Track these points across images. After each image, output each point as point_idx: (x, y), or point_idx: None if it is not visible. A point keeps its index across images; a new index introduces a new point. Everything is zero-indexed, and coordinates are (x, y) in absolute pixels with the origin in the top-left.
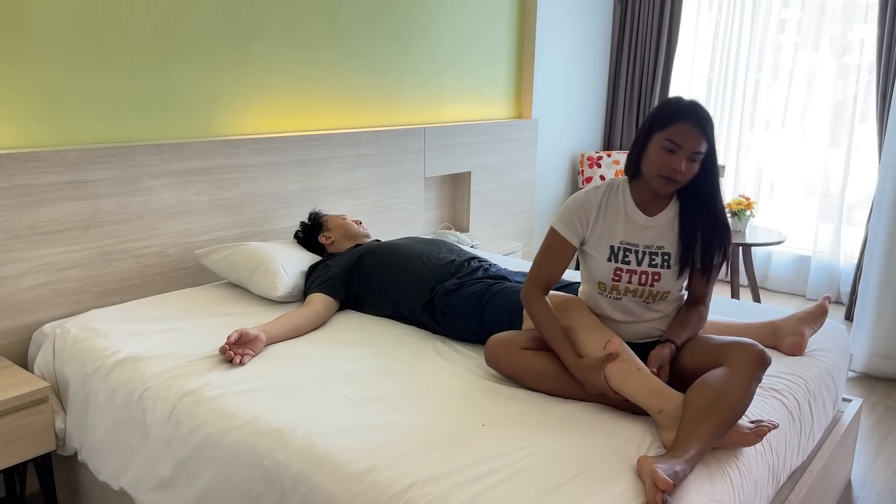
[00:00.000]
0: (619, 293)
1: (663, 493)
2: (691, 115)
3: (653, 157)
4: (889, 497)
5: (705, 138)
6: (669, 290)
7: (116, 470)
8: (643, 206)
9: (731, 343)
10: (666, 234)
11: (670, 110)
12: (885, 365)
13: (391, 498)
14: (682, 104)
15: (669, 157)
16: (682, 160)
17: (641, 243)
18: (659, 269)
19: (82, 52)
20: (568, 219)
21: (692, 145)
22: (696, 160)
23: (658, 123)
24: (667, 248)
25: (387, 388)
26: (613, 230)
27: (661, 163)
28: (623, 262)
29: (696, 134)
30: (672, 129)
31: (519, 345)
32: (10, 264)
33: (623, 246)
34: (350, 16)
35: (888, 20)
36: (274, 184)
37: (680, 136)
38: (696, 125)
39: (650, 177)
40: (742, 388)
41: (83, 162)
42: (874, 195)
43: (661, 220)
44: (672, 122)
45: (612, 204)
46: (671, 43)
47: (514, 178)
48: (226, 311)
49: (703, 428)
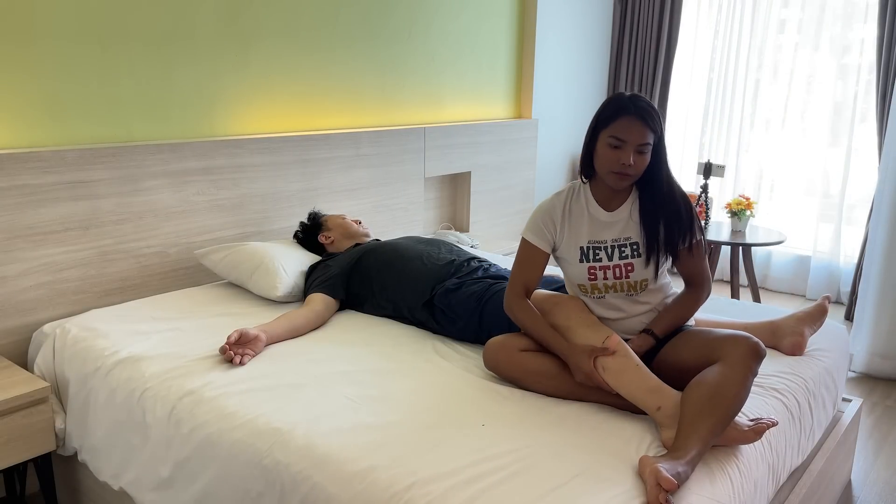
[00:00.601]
0: (600, 291)
1: (667, 492)
2: (632, 109)
3: (602, 154)
4: (889, 497)
5: (650, 128)
6: (646, 277)
7: (116, 470)
8: (604, 202)
9: (725, 337)
10: (629, 225)
11: (611, 107)
12: (885, 365)
13: (391, 497)
14: (622, 99)
15: (617, 153)
16: (629, 154)
17: (609, 238)
18: (630, 259)
19: (82, 52)
20: (536, 227)
21: (637, 138)
22: (645, 151)
23: (602, 122)
24: (633, 238)
25: (387, 388)
26: (579, 232)
27: (610, 159)
28: (595, 261)
29: (639, 127)
30: (615, 125)
31: (517, 347)
32: (10, 264)
33: (591, 245)
34: (350, 16)
35: (888, 20)
36: (274, 184)
37: (624, 131)
38: (638, 118)
39: (603, 174)
40: (738, 382)
41: (83, 162)
42: (874, 195)
43: (623, 213)
44: (614, 118)
45: (576, 206)
46: (671, 43)
47: (514, 178)
48: (226, 311)
49: (702, 426)
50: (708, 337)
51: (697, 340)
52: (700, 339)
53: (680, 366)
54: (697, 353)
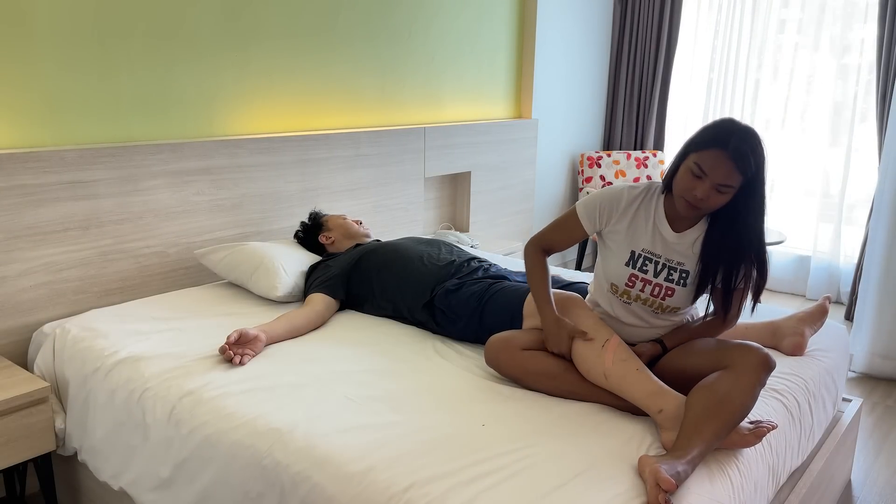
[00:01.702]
0: (630, 299)
1: (666, 492)
2: (730, 144)
3: (681, 176)
4: (889, 497)
5: (739, 172)
6: (680, 306)
7: (116, 470)
8: (672, 220)
9: (736, 346)
10: (688, 253)
11: (710, 133)
12: (885, 365)
13: (391, 498)
14: (726, 129)
15: (694, 182)
16: (706, 188)
17: (663, 256)
18: (675, 285)
19: (82, 51)
20: (591, 208)
21: (719, 177)
22: (726, 192)
23: (696, 144)
24: (686, 267)
25: (387, 388)
26: (639, 236)
27: (686, 186)
28: (641, 270)
29: (727, 166)
30: (705, 153)
31: (519, 345)
32: (10, 264)
33: (644, 254)
34: (350, 16)
35: (888, 20)
36: (274, 184)
37: (709, 163)
38: (730, 157)
39: (676, 195)
40: (746, 391)
41: (83, 162)
42: (874, 195)
43: (687, 238)
44: (708, 146)
45: (644, 210)
46: (671, 43)
47: (514, 178)
48: (226, 311)
49: (706, 430)
50: (717, 345)
51: (706, 347)
52: (709, 347)
53: (686, 371)
54: (705, 360)
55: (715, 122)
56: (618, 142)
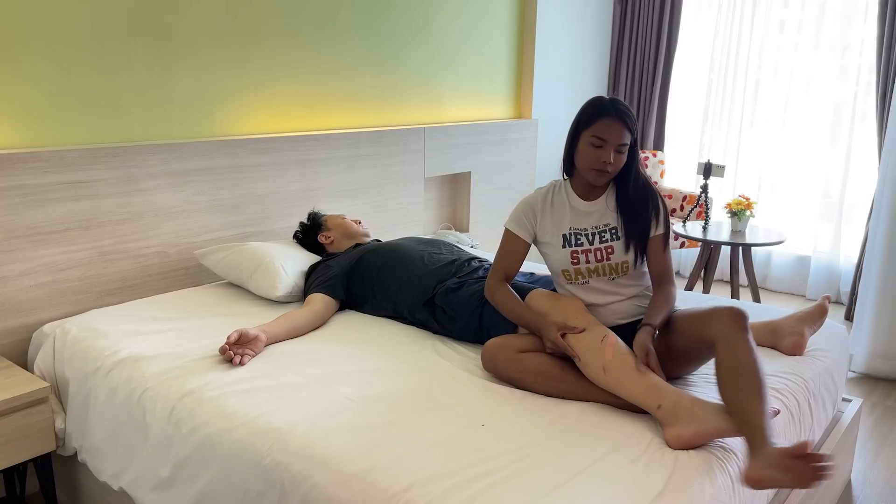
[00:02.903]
0: (584, 276)
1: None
2: (612, 111)
3: (583, 152)
4: (889, 497)
5: (628, 130)
6: (626, 260)
7: (116, 470)
8: (583, 195)
9: (706, 313)
10: (607, 213)
11: (593, 109)
12: (885, 365)
13: (391, 498)
14: (604, 102)
15: (598, 152)
16: (609, 152)
17: (589, 226)
18: (610, 242)
19: (82, 51)
20: (518, 218)
21: (616, 138)
22: (623, 151)
23: (584, 123)
24: (612, 224)
25: (387, 388)
26: (562, 220)
27: (592, 157)
28: (577, 245)
29: (619, 127)
30: (597, 126)
31: (516, 348)
32: (10, 264)
33: (573, 231)
34: (350, 16)
35: (888, 20)
36: (274, 184)
37: (605, 131)
38: (618, 119)
39: (584, 171)
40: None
41: (83, 162)
42: (874, 195)
43: (601, 202)
44: (596, 119)
45: (557, 199)
46: (671, 43)
47: (514, 178)
48: (226, 311)
49: (755, 405)
50: (690, 317)
51: (682, 323)
52: (684, 322)
53: (672, 352)
54: (686, 336)
55: (589, 102)
56: None
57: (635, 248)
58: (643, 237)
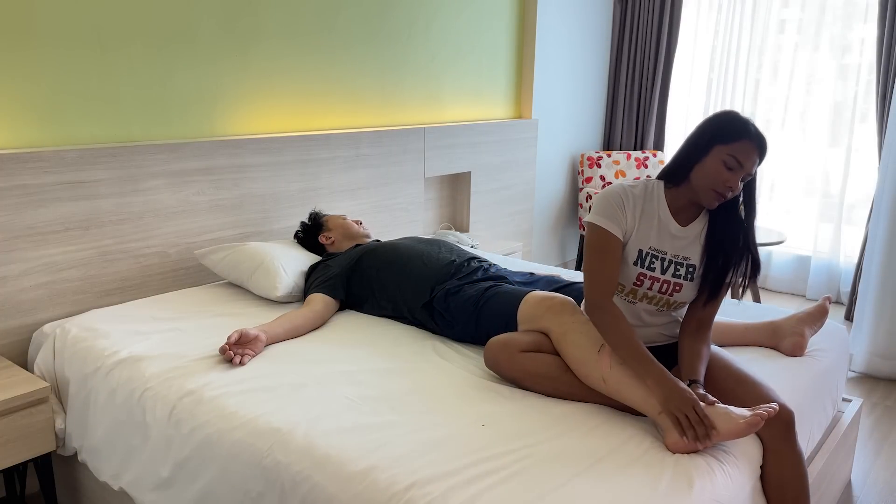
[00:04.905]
0: (636, 298)
1: None
2: (756, 135)
3: (710, 169)
4: (889, 497)
5: (760, 160)
6: (686, 300)
7: (116, 470)
8: (676, 214)
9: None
10: (693, 245)
11: (734, 126)
12: (885, 365)
13: (391, 498)
14: (746, 122)
15: (728, 175)
16: (738, 178)
17: (669, 252)
18: (682, 279)
19: (82, 52)
20: (609, 211)
21: (751, 165)
22: (745, 182)
23: (722, 137)
24: (692, 261)
25: (387, 388)
26: (647, 234)
27: (719, 178)
28: (648, 269)
29: (755, 157)
30: (738, 145)
31: (518, 347)
32: (10, 264)
33: (651, 252)
34: (350, 16)
35: (888, 20)
36: (274, 184)
37: (744, 154)
38: (757, 147)
39: (701, 188)
40: (793, 464)
41: (83, 162)
42: (874, 195)
43: (692, 231)
44: (738, 138)
45: (648, 206)
46: (671, 43)
47: (514, 178)
48: (226, 311)
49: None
50: (744, 393)
51: (730, 386)
52: (733, 388)
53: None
54: (728, 397)
55: (731, 116)
56: (618, 142)
57: (702, 294)
58: (717, 286)
